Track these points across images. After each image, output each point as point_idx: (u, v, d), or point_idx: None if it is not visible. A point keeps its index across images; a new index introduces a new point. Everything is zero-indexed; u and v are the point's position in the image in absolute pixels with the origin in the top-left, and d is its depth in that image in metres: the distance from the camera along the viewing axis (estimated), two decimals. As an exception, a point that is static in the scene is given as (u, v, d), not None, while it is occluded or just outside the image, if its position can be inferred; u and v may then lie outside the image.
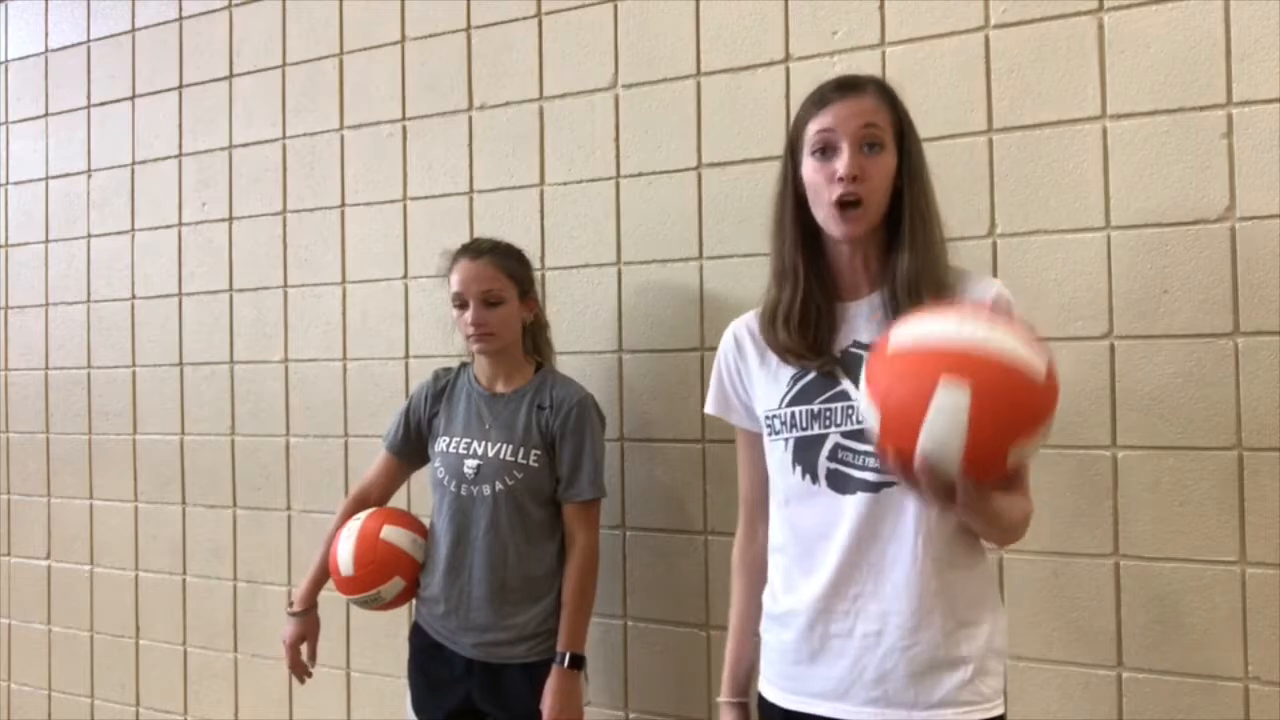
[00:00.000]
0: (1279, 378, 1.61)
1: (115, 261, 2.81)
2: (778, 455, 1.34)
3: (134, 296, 2.78)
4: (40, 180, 2.96)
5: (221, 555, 2.64)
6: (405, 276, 2.39)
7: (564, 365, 2.08)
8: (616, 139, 2.15)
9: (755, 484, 1.45)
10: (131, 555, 2.78)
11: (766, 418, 1.36)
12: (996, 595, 1.35)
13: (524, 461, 1.84)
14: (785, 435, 1.32)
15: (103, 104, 2.85)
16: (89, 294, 2.86)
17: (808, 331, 1.31)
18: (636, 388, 2.12)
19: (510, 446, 1.85)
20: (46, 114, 2.95)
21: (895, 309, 1.27)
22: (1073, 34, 1.75)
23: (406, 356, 2.38)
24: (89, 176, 2.87)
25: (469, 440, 1.88)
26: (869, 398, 1.12)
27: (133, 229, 2.79)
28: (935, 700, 1.24)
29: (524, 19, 2.25)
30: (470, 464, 1.86)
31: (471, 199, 2.31)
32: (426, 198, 2.36)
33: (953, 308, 1.17)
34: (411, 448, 2.00)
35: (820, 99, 1.31)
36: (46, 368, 2.94)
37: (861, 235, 1.29)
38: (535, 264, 2.07)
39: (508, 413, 1.88)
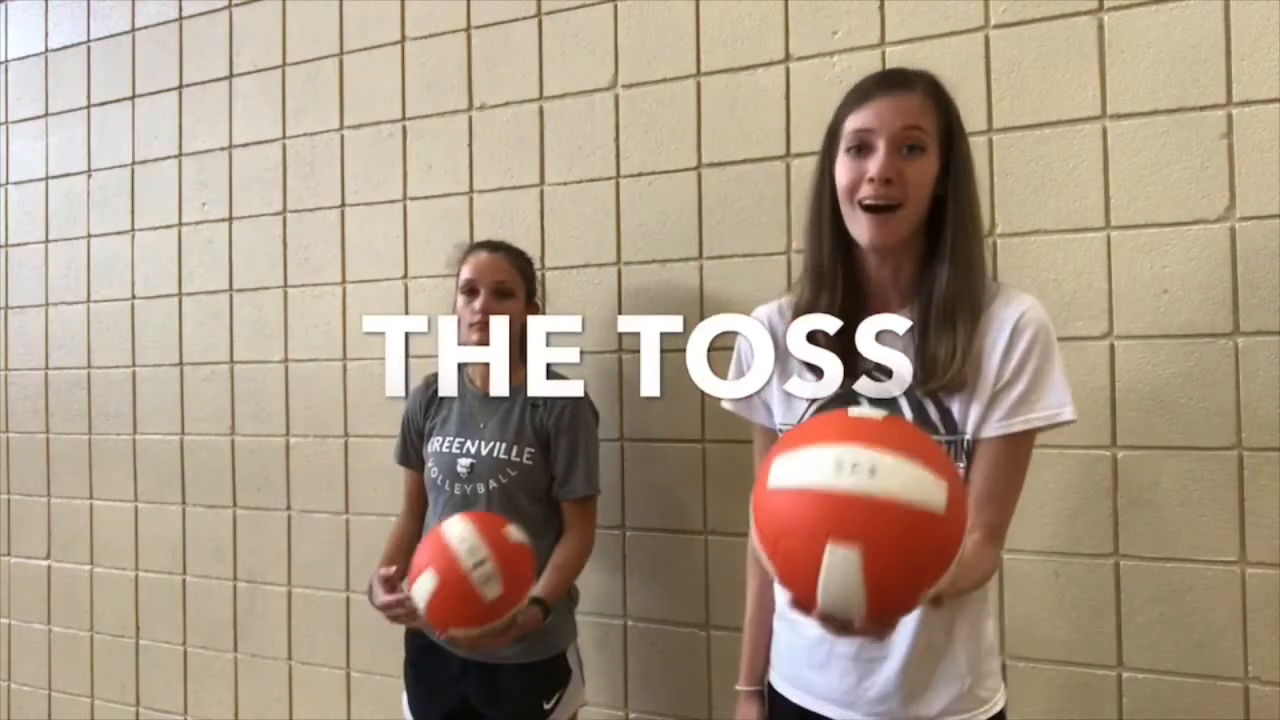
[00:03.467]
0: (1279, 378, 1.62)
1: (115, 261, 2.81)
2: None
3: (134, 296, 2.78)
4: (40, 180, 2.96)
5: (221, 555, 2.64)
6: (405, 276, 2.39)
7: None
8: (616, 139, 2.15)
9: None
10: (131, 555, 2.78)
11: (782, 428, 1.31)
12: (992, 602, 1.33)
13: (517, 459, 1.84)
14: None
15: (103, 104, 2.85)
16: (89, 294, 2.86)
17: (837, 343, 1.20)
18: (636, 388, 2.12)
19: (504, 445, 1.85)
20: (46, 114, 2.95)
21: (925, 327, 1.19)
22: (1073, 34, 1.75)
23: (407, 356, 2.38)
24: (89, 176, 2.87)
25: (462, 439, 1.88)
26: (759, 541, 0.97)
27: (133, 229, 2.79)
28: (935, 713, 1.24)
29: (524, 19, 2.25)
30: (464, 463, 1.86)
31: (471, 199, 2.31)
32: (426, 198, 2.36)
33: (833, 426, 0.98)
34: (418, 456, 2.00)
35: (863, 94, 1.21)
36: (46, 368, 2.94)
37: (893, 245, 1.20)
38: (535, 264, 2.07)
39: (502, 411, 1.88)
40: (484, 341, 1.87)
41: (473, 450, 1.86)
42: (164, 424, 2.73)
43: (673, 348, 2.08)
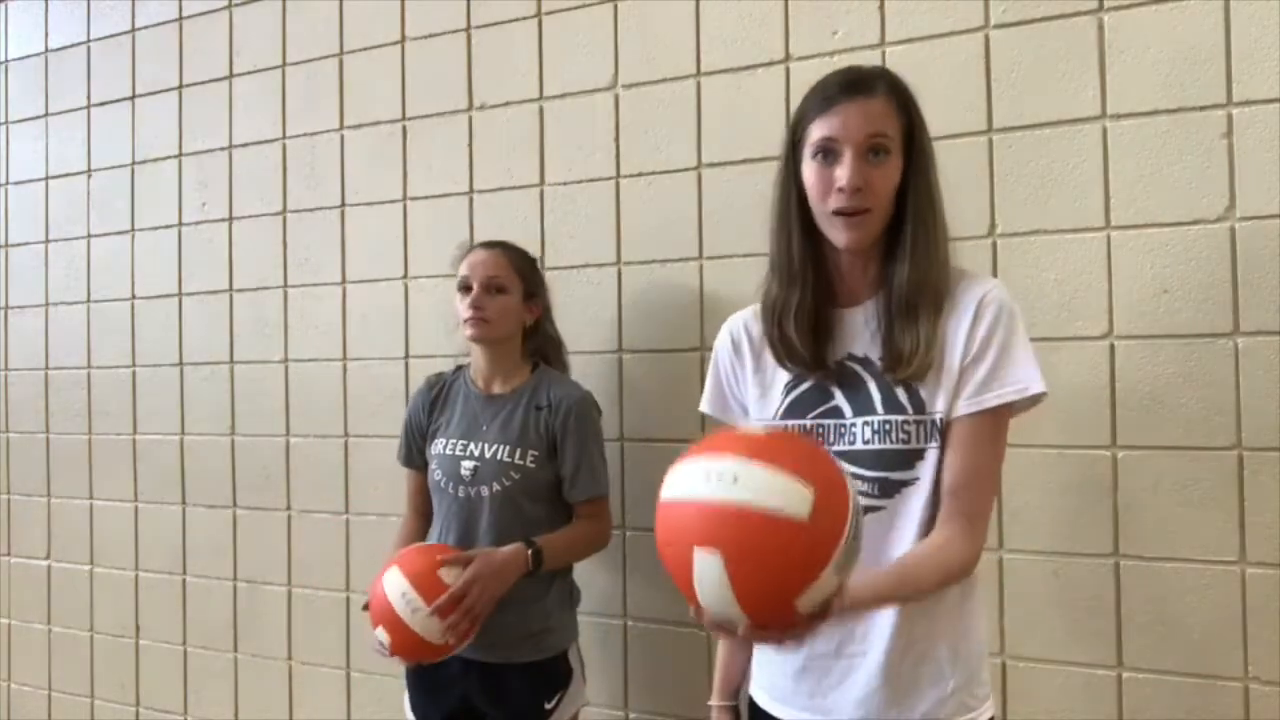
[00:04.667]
0: (1279, 378, 1.62)
1: (115, 261, 2.81)
2: None
3: (134, 296, 2.78)
4: (40, 180, 2.96)
5: (221, 555, 2.63)
6: (405, 276, 2.39)
7: (564, 365, 2.08)
8: (616, 139, 2.15)
9: None
10: (131, 555, 2.78)
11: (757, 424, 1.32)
12: (980, 602, 1.30)
13: (521, 462, 1.84)
14: None
15: (103, 104, 2.85)
16: (89, 294, 2.86)
17: (810, 337, 1.26)
18: (636, 388, 2.12)
19: (507, 447, 1.85)
20: (46, 114, 2.95)
21: (890, 319, 1.23)
22: (1073, 34, 1.75)
23: (406, 356, 2.38)
24: (89, 176, 2.87)
25: (465, 442, 1.88)
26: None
27: (133, 229, 2.79)
28: (917, 716, 1.22)
29: (524, 19, 2.25)
30: (467, 465, 1.86)
31: (471, 199, 2.31)
32: (426, 198, 2.36)
33: (717, 440, 1.03)
34: (422, 458, 1.99)
35: (826, 99, 1.22)
36: (46, 368, 2.94)
37: (867, 244, 1.23)
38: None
39: (504, 413, 1.88)
40: (478, 336, 1.87)
41: (476, 453, 1.86)
42: (164, 424, 2.73)
43: (673, 348, 2.08)
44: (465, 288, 1.89)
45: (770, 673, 1.33)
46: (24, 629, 2.99)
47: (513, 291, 1.90)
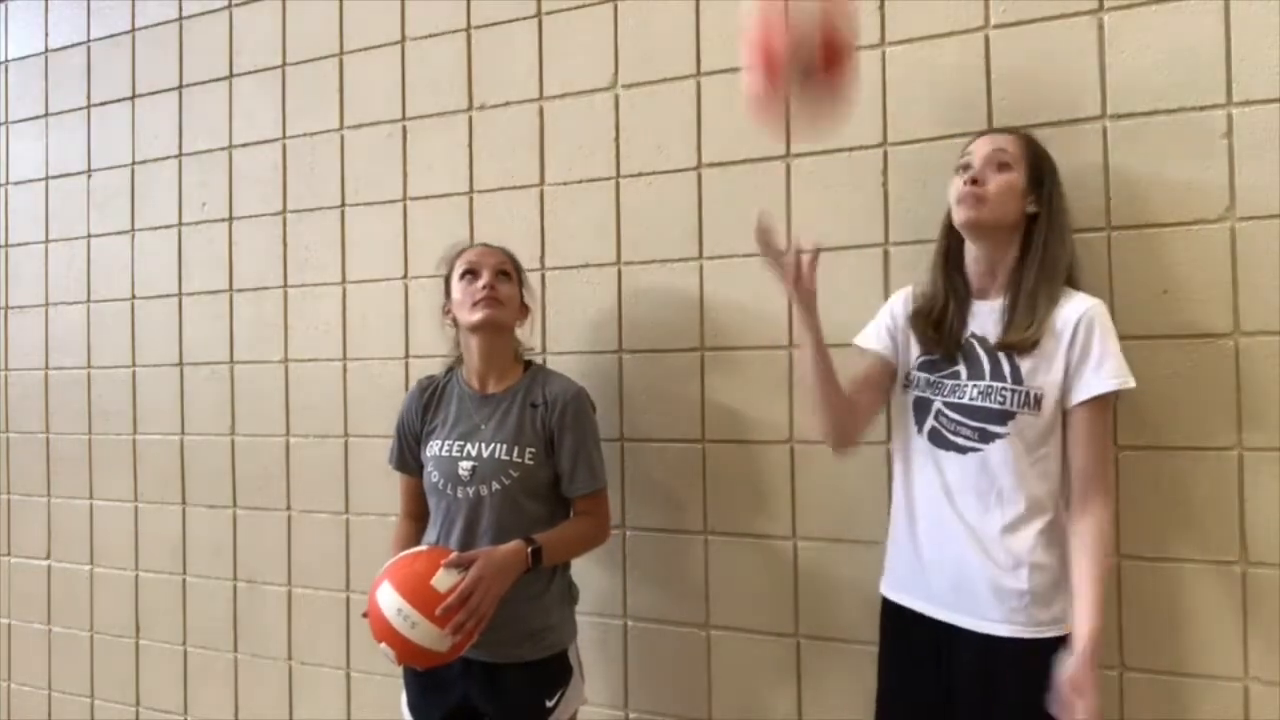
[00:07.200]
0: (1279, 378, 1.62)
1: (115, 261, 2.81)
2: (904, 402, 1.68)
3: (134, 296, 2.78)
4: (40, 180, 2.96)
5: (221, 555, 2.64)
6: (405, 276, 2.39)
7: (563, 365, 2.08)
8: (616, 139, 2.15)
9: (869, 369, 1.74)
10: (131, 555, 2.78)
11: (904, 372, 1.69)
12: (1061, 538, 1.53)
13: (519, 460, 1.84)
14: (911, 392, 1.67)
15: (103, 104, 2.85)
16: (89, 294, 2.86)
17: (941, 327, 1.63)
18: (636, 388, 2.12)
19: (505, 446, 1.85)
20: (46, 114, 2.95)
21: (1014, 309, 1.55)
22: (1073, 34, 1.75)
23: (406, 356, 2.38)
24: (89, 176, 2.87)
25: (462, 442, 1.88)
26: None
27: (133, 229, 2.79)
28: (994, 618, 1.52)
29: (524, 19, 2.25)
30: (465, 465, 1.86)
31: (471, 199, 2.31)
32: (426, 198, 2.36)
33: None
34: (416, 461, 1.99)
35: (973, 139, 1.65)
36: (46, 368, 2.94)
37: (978, 225, 1.56)
38: (535, 264, 2.09)
39: (500, 412, 1.88)
40: (491, 316, 1.85)
41: (473, 453, 1.86)
42: (164, 424, 2.73)
43: (673, 348, 2.08)
44: (470, 273, 1.89)
45: (896, 567, 1.68)
46: (24, 629, 2.99)
47: (515, 284, 1.93)
